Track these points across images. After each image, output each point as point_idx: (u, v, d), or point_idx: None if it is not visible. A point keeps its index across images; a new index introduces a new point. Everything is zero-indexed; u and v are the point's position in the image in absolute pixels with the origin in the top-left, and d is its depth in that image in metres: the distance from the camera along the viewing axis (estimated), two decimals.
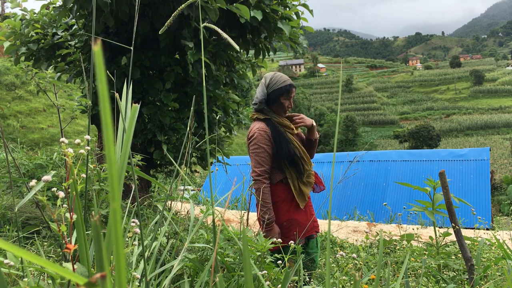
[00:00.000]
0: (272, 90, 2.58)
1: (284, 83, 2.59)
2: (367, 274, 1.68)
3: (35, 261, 0.31)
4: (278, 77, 2.62)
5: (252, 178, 2.52)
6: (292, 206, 2.56)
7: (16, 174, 3.27)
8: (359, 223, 6.45)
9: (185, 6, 0.97)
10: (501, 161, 50.47)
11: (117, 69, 3.64)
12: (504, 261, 2.04)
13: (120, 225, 0.33)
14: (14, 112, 22.59)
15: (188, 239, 1.29)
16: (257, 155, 2.50)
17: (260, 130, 2.53)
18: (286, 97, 2.59)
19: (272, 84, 2.60)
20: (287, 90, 2.57)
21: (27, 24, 3.96)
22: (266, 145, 2.50)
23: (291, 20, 3.70)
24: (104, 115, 0.32)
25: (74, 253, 0.87)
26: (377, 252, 3.07)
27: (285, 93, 2.57)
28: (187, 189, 6.58)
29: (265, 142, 2.50)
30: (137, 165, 2.68)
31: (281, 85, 2.57)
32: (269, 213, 2.45)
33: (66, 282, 0.95)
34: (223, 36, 0.92)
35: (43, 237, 2.42)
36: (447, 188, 2.04)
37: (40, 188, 0.92)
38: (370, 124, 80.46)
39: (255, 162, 2.51)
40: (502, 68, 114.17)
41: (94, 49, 0.31)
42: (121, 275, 0.33)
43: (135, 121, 0.69)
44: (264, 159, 2.49)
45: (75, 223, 0.85)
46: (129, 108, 0.84)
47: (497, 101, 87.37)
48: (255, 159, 2.51)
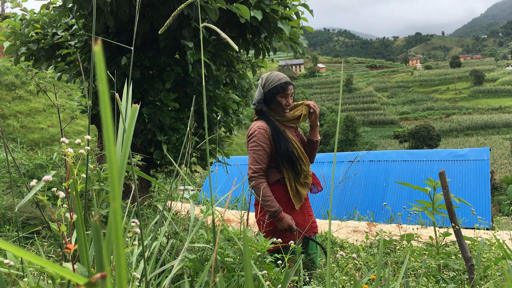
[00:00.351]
0: (268, 90, 2.57)
1: (279, 81, 2.57)
2: (367, 274, 1.68)
3: (35, 261, 0.31)
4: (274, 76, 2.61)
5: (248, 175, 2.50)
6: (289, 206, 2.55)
7: (16, 174, 3.27)
8: (359, 223, 6.45)
9: (184, 6, 0.97)
10: (501, 161, 50.48)
11: (117, 69, 3.64)
12: (504, 261, 2.04)
13: (121, 225, 0.33)
14: (14, 112, 22.59)
15: (188, 239, 1.29)
16: (254, 153, 2.49)
17: (260, 128, 2.53)
18: (283, 95, 2.56)
19: (268, 83, 2.59)
20: (283, 88, 2.55)
21: (27, 24, 3.96)
22: (265, 144, 2.49)
23: (291, 20, 3.71)
24: (104, 115, 0.32)
25: (74, 253, 0.87)
26: (377, 252, 3.07)
27: (281, 91, 2.55)
28: (187, 189, 6.58)
29: (264, 140, 2.49)
30: (137, 165, 2.68)
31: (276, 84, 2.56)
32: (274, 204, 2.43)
33: (66, 282, 0.95)
34: (222, 36, 0.92)
35: (43, 237, 2.42)
36: (447, 188, 2.04)
37: (40, 188, 0.92)
38: (370, 124, 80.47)
39: (252, 160, 2.50)
40: (502, 68, 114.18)
41: (95, 49, 0.31)
42: (122, 275, 0.33)
43: (135, 121, 0.69)
44: (261, 157, 2.48)
45: (75, 223, 0.85)
46: (129, 108, 0.84)
47: (497, 101, 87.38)
48: (253, 156, 2.50)
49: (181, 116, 4.00)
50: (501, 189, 29.98)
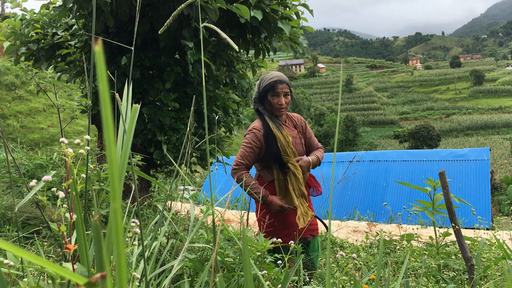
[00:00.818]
0: (261, 89, 2.59)
1: (271, 79, 2.56)
2: (367, 274, 1.68)
3: (35, 261, 0.31)
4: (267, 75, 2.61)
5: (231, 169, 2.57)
6: None
7: (16, 174, 3.27)
8: (359, 223, 6.45)
9: (184, 6, 0.98)
10: (501, 161, 50.48)
11: (117, 69, 3.64)
12: (504, 261, 2.04)
13: (121, 225, 0.33)
14: (14, 112, 22.59)
15: (188, 239, 1.29)
16: (243, 149, 2.56)
17: (255, 128, 2.58)
18: (273, 93, 2.55)
19: (262, 82, 2.61)
20: (272, 86, 2.54)
21: (27, 24, 3.96)
22: (255, 144, 2.54)
23: (291, 20, 3.71)
24: (105, 115, 0.32)
25: (74, 253, 0.87)
26: (377, 252, 3.07)
27: (270, 89, 2.54)
28: (187, 189, 6.58)
29: (255, 140, 2.55)
30: (137, 165, 2.68)
31: (267, 82, 2.56)
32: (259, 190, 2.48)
33: (66, 282, 0.95)
34: (222, 36, 0.92)
35: (43, 237, 2.42)
36: (447, 188, 2.04)
37: (40, 188, 0.92)
38: (370, 124, 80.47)
39: (238, 155, 2.57)
40: (502, 68, 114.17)
41: (95, 49, 0.31)
42: (122, 275, 0.33)
43: (135, 121, 0.69)
44: (247, 154, 2.54)
45: (75, 223, 0.85)
46: (129, 108, 0.84)
47: (497, 101, 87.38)
48: (240, 151, 2.57)
49: (181, 116, 4.01)
50: (501, 189, 29.98)
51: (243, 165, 2.54)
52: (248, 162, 2.55)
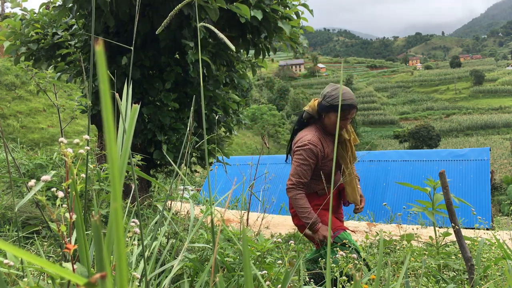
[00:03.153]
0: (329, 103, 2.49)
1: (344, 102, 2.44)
2: (367, 274, 1.69)
3: (35, 261, 0.31)
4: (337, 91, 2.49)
5: (287, 185, 2.52)
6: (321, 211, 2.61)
7: (16, 174, 3.27)
8: (359, 223, 6.44)
9: (182, 6, 0.97)
10: (501, 161, 50.46)
11: (117, 69, 3.64)
12: (504, 261, 2.04)
13: (121, 225, 0.33)
14: (14, 112, 22.59)
15: (188, 239, 1.28)
16: (299, 166, 2.49)
17: (311, 143, 2.50)
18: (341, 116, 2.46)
19: (332, 97, 2.49)
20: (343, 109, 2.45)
21: (27, 24, 3.96)
22: (312, 160, 2.50)
23: (291, 19, 3.71)
24: (105, 115, 0.32)
25: (74, 253, 0.87)
26: (377, 252, 3.07)
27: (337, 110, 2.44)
28: (187, 189, 6.58)
29: (312, 157, 2.49)
30: (137, 165, 2.68)
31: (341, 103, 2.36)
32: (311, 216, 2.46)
33: (66, 282, 0.95)
34: (219, 36, 0.92)
35: (43, 237, 2.42)
36: (447, 188, 2.04)
37: (40, 188, 0.92)
38: (370, 124, 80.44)
39: (295, 172, 2.50)
40: (502, 68, 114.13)
41: (96, 49, 0.31)
42: (122, 275, 0.33)
43: (135, 121, 0.69)
44: (305, 172, 2.50)
45: (75, 223, 0.85)
46: (129, 108, 0.84)
47: (497, 101, 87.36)
48: (297, 169, 2.50)
49: (181, 116, 4.01)
50: (501, 189, 29.97)
51: (301, 184, 2.50)
52: (307, 180, 2.52)
